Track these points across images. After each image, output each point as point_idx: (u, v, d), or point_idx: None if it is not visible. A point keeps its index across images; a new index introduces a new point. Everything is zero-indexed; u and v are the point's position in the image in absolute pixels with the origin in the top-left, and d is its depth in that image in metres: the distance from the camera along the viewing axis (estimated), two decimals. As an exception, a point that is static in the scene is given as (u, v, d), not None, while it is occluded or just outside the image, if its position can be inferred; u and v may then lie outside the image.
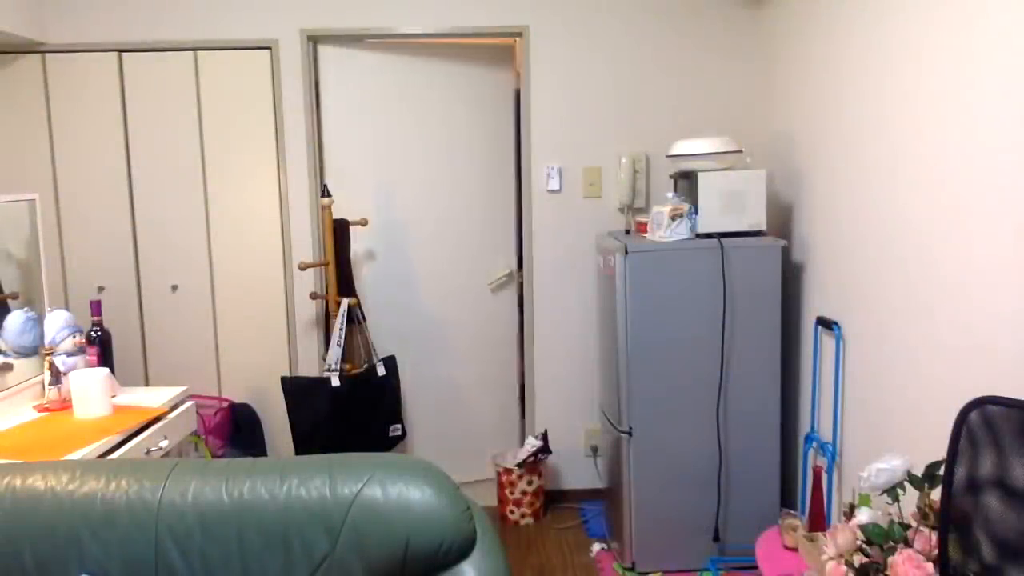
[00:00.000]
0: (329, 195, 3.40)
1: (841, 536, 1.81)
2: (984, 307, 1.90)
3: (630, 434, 2.93)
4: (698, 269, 2.86)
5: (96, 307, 2.58)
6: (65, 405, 2.39)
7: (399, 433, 3.39)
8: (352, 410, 3.21)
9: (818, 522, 2.44)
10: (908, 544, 1.67)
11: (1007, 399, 1.35)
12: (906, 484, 1.77)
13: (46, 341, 2.44)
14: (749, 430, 2.94)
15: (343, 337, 3.23)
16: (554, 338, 3.54)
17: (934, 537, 1.60)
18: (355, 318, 3.35)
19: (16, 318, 2.47)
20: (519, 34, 3.40)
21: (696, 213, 2.89)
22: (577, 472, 3.59)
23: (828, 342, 2.75)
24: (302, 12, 3.33)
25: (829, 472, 2.69)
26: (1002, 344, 1.84)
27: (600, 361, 3.37)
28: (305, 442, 3.18)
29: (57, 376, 2.41)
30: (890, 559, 1.64)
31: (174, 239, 3.42)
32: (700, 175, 2.88)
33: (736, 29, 3.40)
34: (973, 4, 1.92)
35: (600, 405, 3.40)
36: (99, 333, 2.56)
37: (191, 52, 3.34)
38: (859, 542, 1.78)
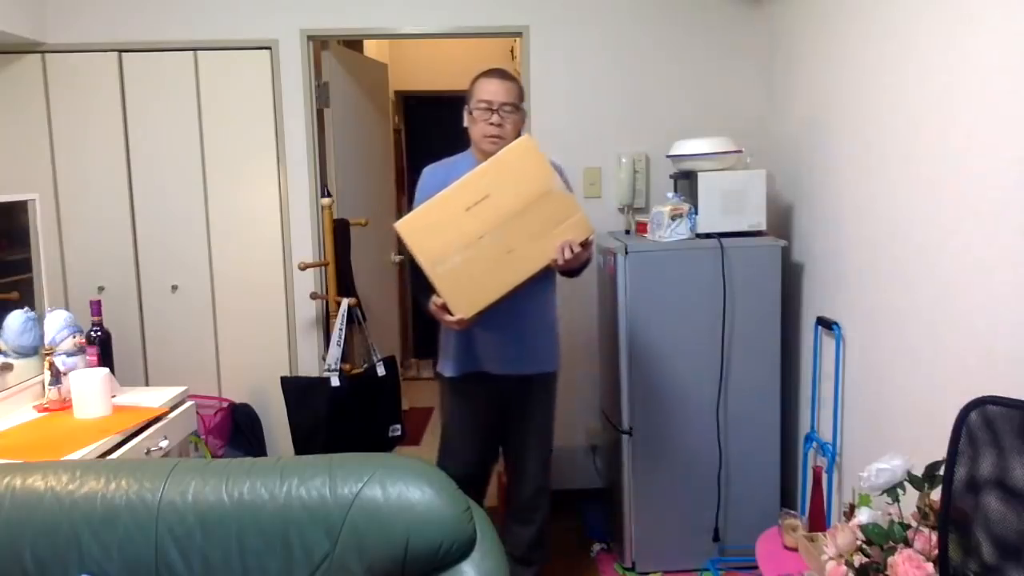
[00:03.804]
0: (329, 195, 3.40)
1: (841, 536, 1.81)
2: (984, 307, 1.90)
3: (630, 434, 2.93)
4: (698, 269, 2.86)
5: (96, 307, 2.58)
6: (65, 405, 2.39)
7: (399, 433, 3.39)
8: (352, 410, 3.20)
9: (818, 522, 2.43)
10: (908, 544, 1.67)
11: (1007, 399, 1.35)
12: (906, 484, 1.77)
13: (46, 341, 2.44)
14: (749, 430, 2.94)
15: (343, 337, 3.23)
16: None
17: (934, 537, 1.60)
18: (355, 318, 3.35)
19: (16, 318, 2.47)
20: (519, 34, 3.40)
21: (696, 213, 2.89)
22: (577, 472, 3.58)
23: (828, 342, 2.75)
24: (302, 12, 3.33)
25: (829, 472, 2.69)
26: (1002, 344, 1.84)
27: (600, 361, 3.37)
28: (305, 442, 3.17)
29: (57, 376, 2.40)
30: (890, 559, 1.64)
31: (174, 239, 3.41)
32: (700, 175, 2.88)
33: (736, 29, 3.40)
34: (973, 4, 1.92)
35: (600, 405, 3.40)
36: (99, 333, 2.56)
37: (191, 52, 3.34)
38: (859, 542, 1.78)
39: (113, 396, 2.39)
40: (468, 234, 2.25)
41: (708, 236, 2.88)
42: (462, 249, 2.25)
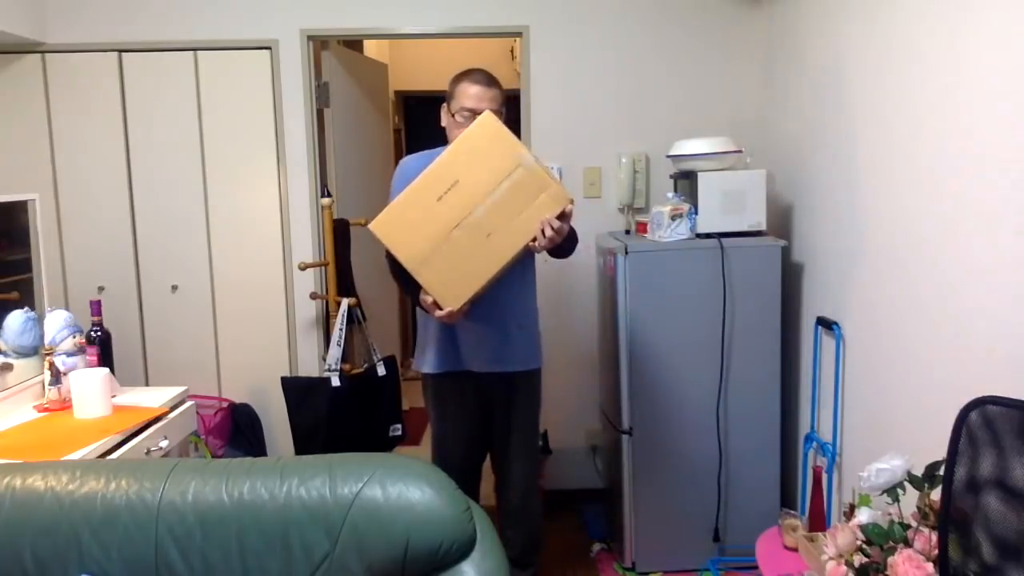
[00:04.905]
0: (329, 195, 3.40)
1: (841, 536, 1.81)
2: (984, 307, 1.90)
3: (630, 434, 2.93)
4: (698, 269, 2.86)
5: (96, 307, 2.58)
6: (65, 405, 2.39)
7: (399, 433, 3.39)
8: (352, 410, 3.21)
9: (818, 522, 2.43)
10: (908, 544, 1.67)
11: (1007, 399, 1.35)
12: (906, 484, 1.77)
13: (46, 341, 2.44)
14: (749, 430, 2.94)
15: (343, 337, 3.23)
16: (554, 338, 3.53)
17: (934, 537, 1.60)
18: (355, 318, 3.35)
19: (16, 318, 2.47)
20: (519, 34, 3.40)
21: (696, 213, 2.89)
22: (577, 472, 3.58)
23: (828, 342, 2.75)
24: (302, 12, 3.33)
25: (829, 472, 2.69)
26: (1002, 344, 1.84)
27: (600, 361, 3.37)
28: (305, 442, 3.18)
29: (57, 376, 2.40)
30: (890, 559, 1.64)
31: (174, 239, 3.42)
32: (700, 175, 2.88)
33: (736, 29, 3.40)
34: (975, 4, 1.92)
35: (600, 405, 3.40)
36: (99, 333, 2.56)
37: (191, 52, 3.34)
38: (859, 542, 1.78)
39: (113, 396, 2.39)
40: (444, 225, 2.19)
41: (708, 236, 2.88)
42: (440, 241, 2.19)
